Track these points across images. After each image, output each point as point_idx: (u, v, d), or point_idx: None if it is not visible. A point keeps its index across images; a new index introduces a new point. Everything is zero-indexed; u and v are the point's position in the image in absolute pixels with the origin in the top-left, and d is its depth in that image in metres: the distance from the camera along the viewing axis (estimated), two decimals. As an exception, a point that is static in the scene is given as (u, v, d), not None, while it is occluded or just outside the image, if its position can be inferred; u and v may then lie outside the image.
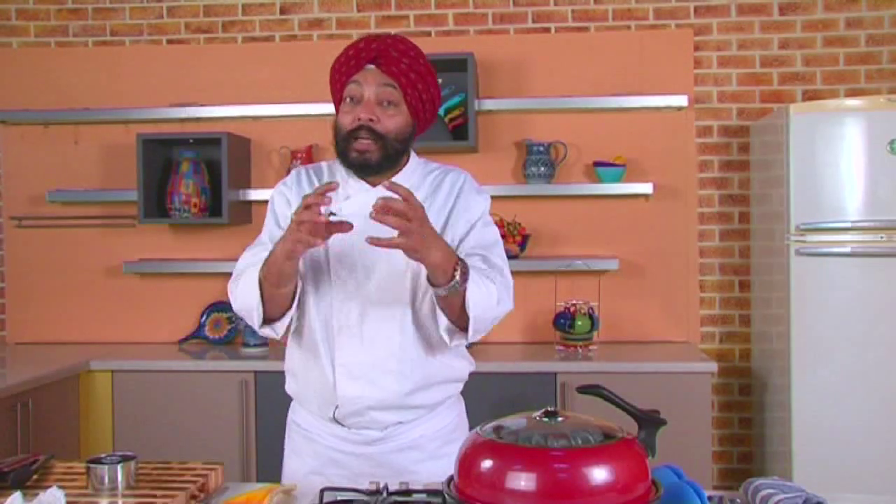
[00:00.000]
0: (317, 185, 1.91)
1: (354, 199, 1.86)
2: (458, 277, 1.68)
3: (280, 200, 1.95)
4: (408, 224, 1.57)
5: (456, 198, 1.91)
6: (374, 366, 1.83)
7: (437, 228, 1.83)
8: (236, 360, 3.56)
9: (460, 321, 1.77)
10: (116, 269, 4.01)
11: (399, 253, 1.66)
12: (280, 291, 1.78)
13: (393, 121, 1.81)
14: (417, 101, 1.83)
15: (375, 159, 1.81)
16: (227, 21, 4.04)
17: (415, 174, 1.92)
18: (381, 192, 1.76)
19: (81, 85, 4.05)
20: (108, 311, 4.05)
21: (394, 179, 1.84)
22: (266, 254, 1.81)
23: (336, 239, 1.75)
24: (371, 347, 1.83)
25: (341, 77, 1.84)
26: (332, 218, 1.77)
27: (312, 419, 1.92)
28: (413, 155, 1.95)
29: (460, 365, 1.96)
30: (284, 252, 1.68)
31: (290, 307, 1.82)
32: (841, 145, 3.26)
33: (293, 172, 1.99)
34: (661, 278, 3.87)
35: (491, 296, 1.76)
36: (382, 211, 1.57)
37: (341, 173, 1.90)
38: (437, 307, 1.77)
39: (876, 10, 3.80)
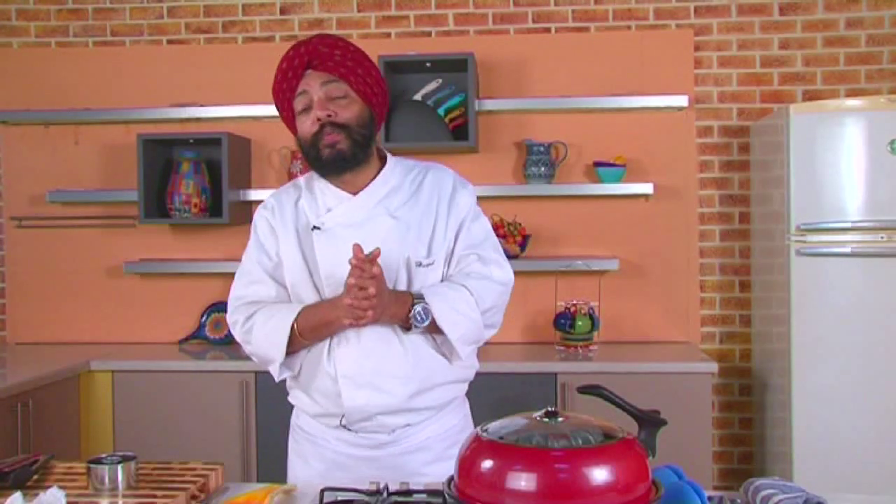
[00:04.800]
0: (298, 201, 1.93)
1: (336, 209, 1.87)
2: (417, 318, 1.77)
3: (264, 228, 1.94)
4: (372, 303, 1.68)
5: (440, 196, 1.91)
6: (376, 372, 1.82)
7: (427, 229, 1.86)
8: (237, 360, 3.56)
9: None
10: (117, 270, 4.01)
11: (389, 258, 1.74)
12: (311, 343, 1.84)
13: (349, 110, 1.83)
14: (364, 86, 1.84)
15: (346, 148, 1.82)
16: (227, 21, 4.05)
17: (393, 175, 1.91)
18: (362, 199, 1.86)
19: (82, 85, 4.05)
20: (108, 312, 4.05)
21: (373, 184, 1.88)
22: (261, 290, 1.89)
23: (323, 254, 1.81)
24: (371, 354, 1.82)
25: (286, 93, 1.85)
26: (315, 233, 1.83)
27: (318, 425, 1.91)
28: (389, 156, 1.95)
29: (464, 363, 1.94)
30: (350, 322, 1.74)
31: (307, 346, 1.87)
32: (841, 145, 3.26)
33: (272, 196, 1.99)
34: (661, 278, 3.87)
35: (468, 307, 1.82)
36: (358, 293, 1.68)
37: (319, 186, 1.91)
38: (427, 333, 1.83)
39: (876, 10, 3.80)
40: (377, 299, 1.68)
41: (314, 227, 1.86)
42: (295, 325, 1.80)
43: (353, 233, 1.75)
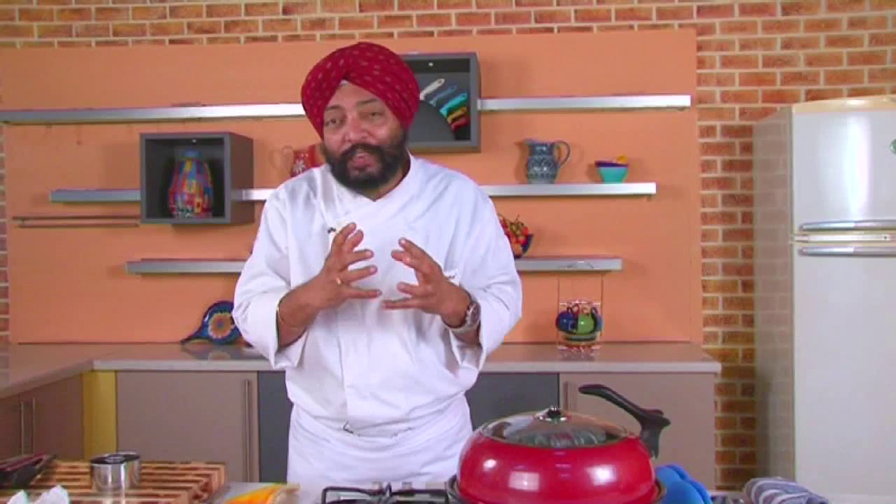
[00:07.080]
0: (312, 197, 1.88)
1: (354, 213, 1.82)
2: (469, 320, 1.73)
3: (275, 218, 1.89)
4: (427, 288, 1.62)
5: (461, 209, 1.87)
6: (383, 385, 1.81)
7: (445, 241, 1.84)
8: (239, 359, 3.57)
9: (472, 339, 1.81)
10: (119, 269, 4.02)
11: (402, 269, 1.67)
12: (299, 330, 1.80)
13: (383, 130, 1.77)
14: (400, 102, 1.79)
15: (377, 172, 1.77)
16: (229, 21, 4.05)
17: (415, 181, 1.87)
18: (380, 206, 1.81)
19: (84, 85, 4.05)
20: (111, 311, 4.06)
21: (394, 192, 1.83)
22: (267, 281, 1.85)
23: None
24: (379, 367, 1.80)
25: (317, 101, 1.78)
26: (331, 234, 1.78)
27: (319, 425, 1.91)
28: (413, 160, 1.90)
29: (470, 374, 1.94)
30: (324, 303, 1.69)
31: (301, 335, 1.83)
32: (844, 145, 3.25)
33: (284, 187, 1.93)
34: (663, 278, 3.87)
35: (503, 323, 1.83)
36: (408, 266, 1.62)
37: (337, 186, 1.85)
38: (450, 332, 1.80)
39: (879, 9, 3.80)
40: (434, 287, 1.64)
41: (330, 230, 1.81)
42: (278, 310, 1.77)
43: (369, 240, 1.69)
